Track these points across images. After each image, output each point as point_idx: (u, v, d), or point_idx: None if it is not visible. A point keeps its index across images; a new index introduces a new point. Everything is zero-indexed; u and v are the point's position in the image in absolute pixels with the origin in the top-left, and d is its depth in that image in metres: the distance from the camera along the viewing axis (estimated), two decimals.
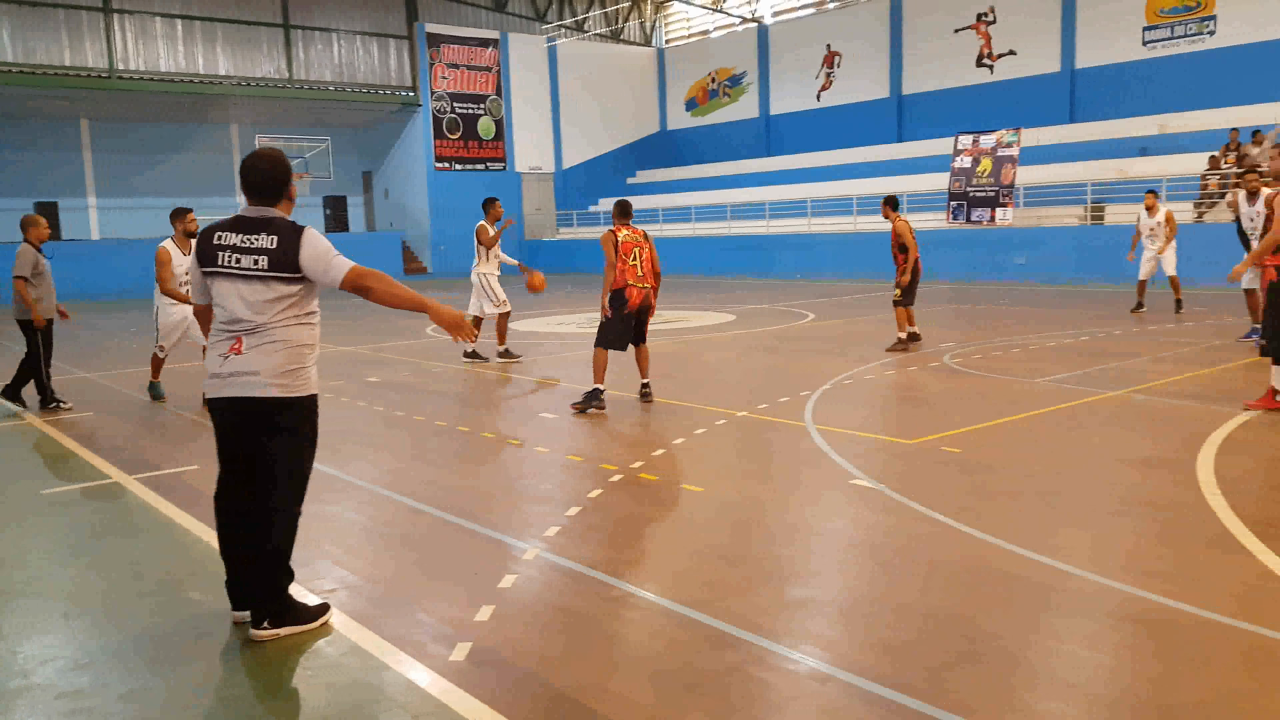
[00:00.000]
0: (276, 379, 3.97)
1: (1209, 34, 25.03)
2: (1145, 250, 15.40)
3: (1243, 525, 5.00)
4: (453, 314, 4.16)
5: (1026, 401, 8.53)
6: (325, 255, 4.01)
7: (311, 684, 3.70)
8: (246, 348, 3.96)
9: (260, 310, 3.97)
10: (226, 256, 4.00)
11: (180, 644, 4.06)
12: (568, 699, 3.47)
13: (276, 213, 4.08)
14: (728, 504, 5.89)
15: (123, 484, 6.79)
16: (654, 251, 9.04)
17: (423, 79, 34.88)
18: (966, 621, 4.01)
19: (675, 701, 3.42)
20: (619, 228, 8.95)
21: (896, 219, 12.05)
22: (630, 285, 8.79)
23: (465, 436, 8.02)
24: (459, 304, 20.25)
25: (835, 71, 34.39)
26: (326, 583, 4.71)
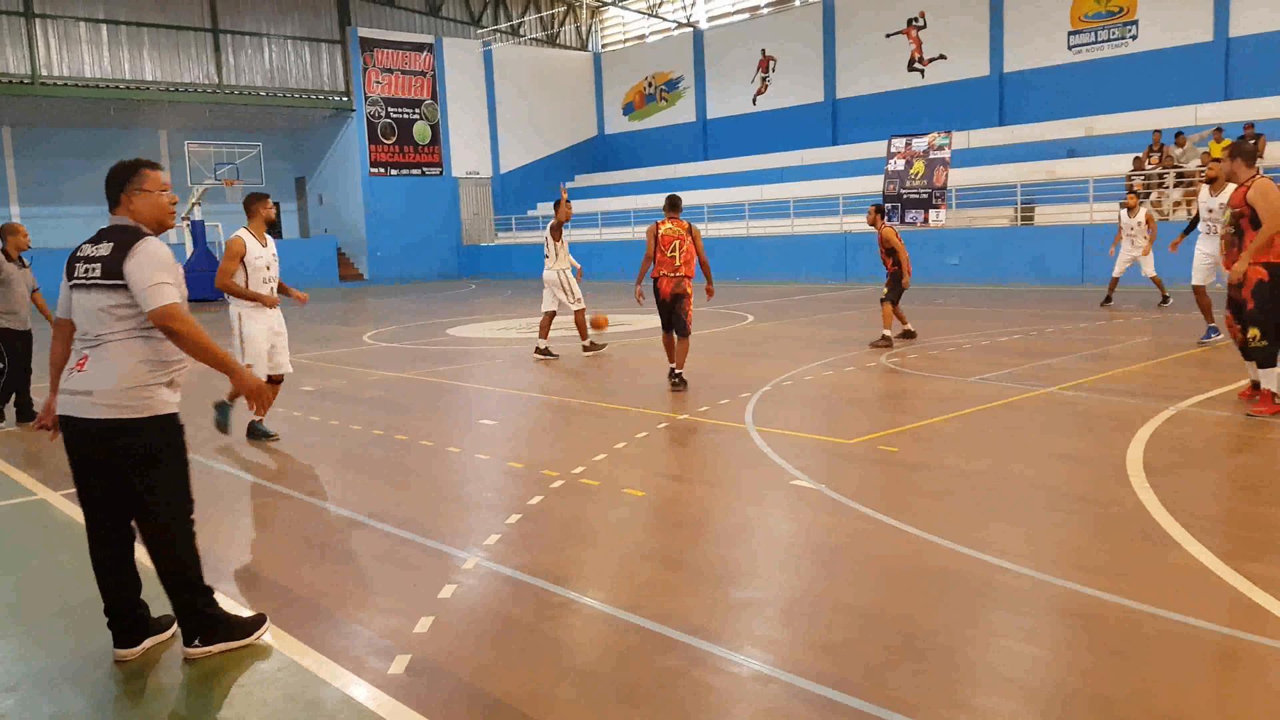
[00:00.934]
0: (110, 399, 3.70)
1: (1131, 38, 25.73)
2: (1125, 251, 15.53)
3: (1171, 518, 5.12)
4: (255, 381, 4.03)
5: (961, 400, 8.67)
6: (150, 273, 3.69)
7: (247, 701, 3.61)
8: (88, 364, 3.76)
9: (95, 321, 3.76)
10: (79, 267, 3.84)
11: (109, 664, 3.94)
12: (509, 708, 3.43)
13: (127, 220, 3.89)
14: (669, 507, 5.88)
15: (48, 501, 6.58)
16: (697, 242, 9.70)
17: (356, 84, 34.46)
18: (906, 619, 4.05)
19: (617, 708, 3.40)
20: (665, 220, 9.78)
21: (883, 225, 12.50)
22: (663, 275, 9.62)
23: (403, 444, 7.92)
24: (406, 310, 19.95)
25: (770, 76, 34.69)
26: (262, 596, 4.60)
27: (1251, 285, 7.32)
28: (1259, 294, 7.28)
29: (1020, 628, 3.95)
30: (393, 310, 22.66)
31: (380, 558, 5.16)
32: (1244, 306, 7.41)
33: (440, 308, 22.75)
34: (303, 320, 18.85)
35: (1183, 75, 24.63)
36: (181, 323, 3.71)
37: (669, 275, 9.66)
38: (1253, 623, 3.83)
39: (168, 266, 3.75)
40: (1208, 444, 6.82)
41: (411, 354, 13.98)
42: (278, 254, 8.18)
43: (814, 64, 33.11)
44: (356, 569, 5.02)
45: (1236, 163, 7.68)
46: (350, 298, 28.23)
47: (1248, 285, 7.35)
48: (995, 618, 4.07)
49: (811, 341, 13.14)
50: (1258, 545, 4.78)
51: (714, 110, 36.73)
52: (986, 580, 4.44)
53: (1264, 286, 7.26)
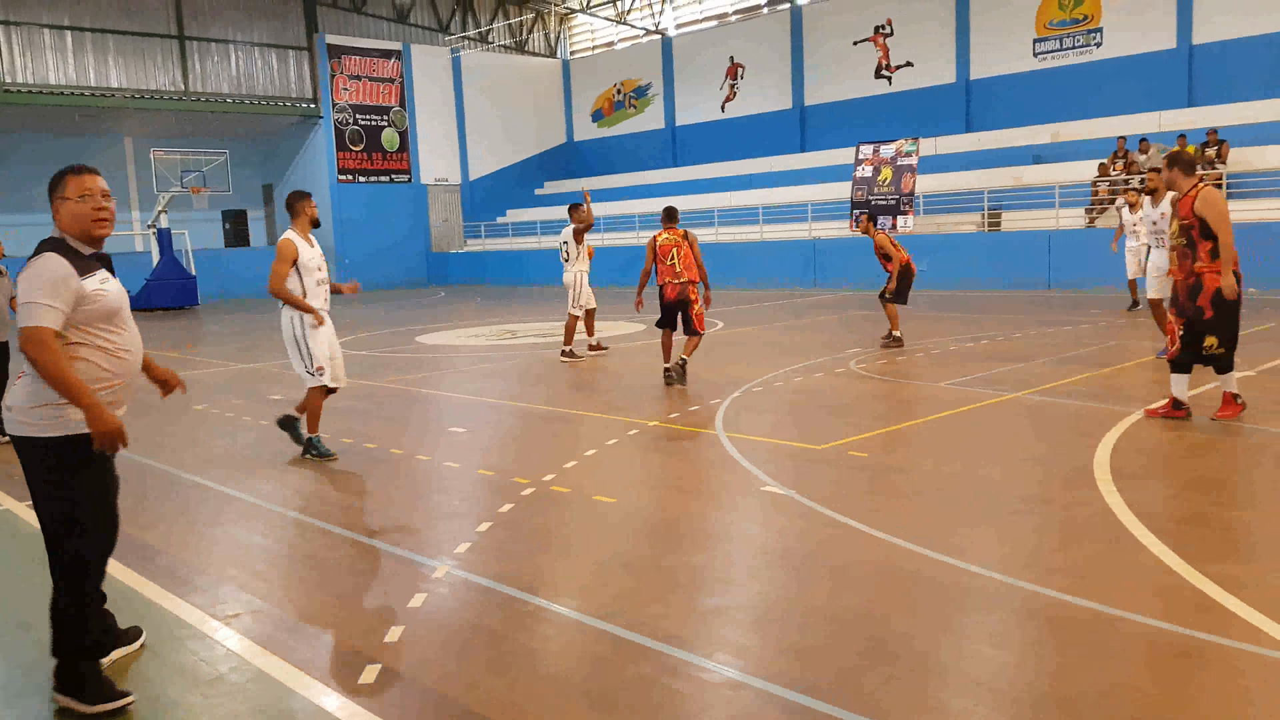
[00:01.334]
0: (20, 416, 3.55)
1: (1096, 45, 26.07)
2: (1129, 245, 14.89)
3: (1137, 521, 5.18)
4: (110, 424, 3.46)
5: (930, 405, 8.73)
6: (26, 291, 3.45)
7: (215, 713, 3.56)
8: (21, 379, 3.62)
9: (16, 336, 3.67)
10: None
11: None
12: (479, 718, 3.41)
13: (55, 231, 3.69)
14: (640, 514, 5.88)
15: (13, 511, 6.48)
16: (694, 248, 10.20)
17: (324, 91, 34.26)
18: (877, 623, 4.07)
19: (589, 716, 3.39)
20: (662, 231, 10.31)
21: (875, 232, 12.96)
22: (667, 283, 10.12)
23: (372, 453, 7.86)
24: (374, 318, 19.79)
25: (739, 83, 34.84)
26: (230, 607, 4.55)
27: (1210, 294, 7.28)
28: (1217, 302, 7.26)
29: (990, 631, 3.98)
30: (361, 318, 22.50)
31: (349, 567, 5.11)
32: (1201, 314, 7.34)
33: (409, 315, 22.63)
34: (269, 328, 18.63)
35: (1147, 82, 24.99)
36: (35, 348, 3.39)
37: (673, 282, 10.14)
38: (1217, 624, 3.87)
39: (49, 285, 3.45)
40: (1172, 447, 6.91)
41: (380, 362, 13.89)
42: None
43: (782, 71, 33.29)
44: (325, 578, 4.97)
45: (1175, 172, 7.54)
46: None
47: (1206, 293, 7.29)
48: (965, 621, 4.10)
49: (782, 347, 13.19)
50: (1220, 546, 4.84)
51: (683, 117, 36.83)
52: (956, 584, 4.47)
53: (1222, 294, 7.24)
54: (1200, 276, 7.31)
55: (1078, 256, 20.81)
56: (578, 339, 13.50)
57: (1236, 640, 3.71)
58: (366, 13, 36.17)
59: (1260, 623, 3.84)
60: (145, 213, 32.23)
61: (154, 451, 8.08)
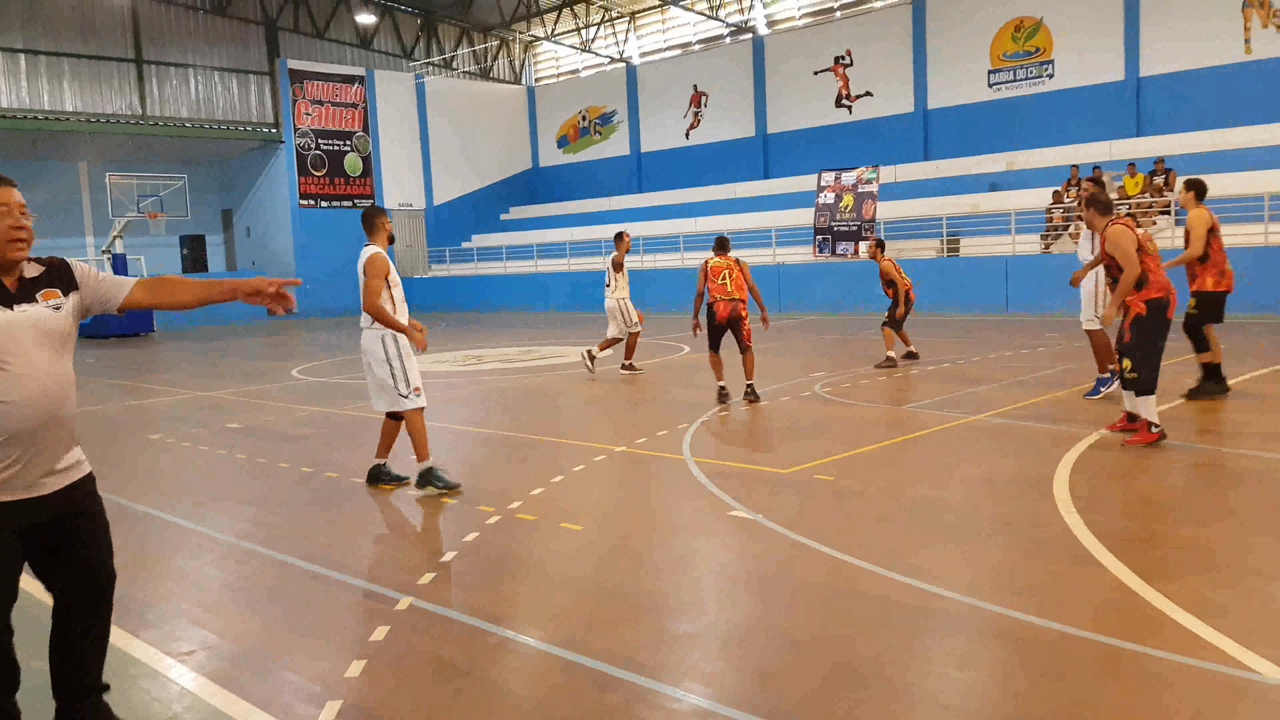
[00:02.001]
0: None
1: (1048, 77, 26.60)
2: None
3: (1097, 541, 5.23)
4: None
5: (893, 428, 8.78)
6: None
7: None
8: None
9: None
10: None
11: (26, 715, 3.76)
12: None
13: None
14: (607, 541, 5.84)
15: None
16: (745, 272, 10.81)
17: (285, 115, 34.08)
18: (844, 647, 4.06)
19: None
20: (713, 256, 10.96)
21: (881, 259, 13.56)
22: (718, 300, 10.62)
23: (333, 482, 7.76)
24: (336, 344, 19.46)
25: (703, 111, 35.12)
26: (184, 644, 4.45)
27: (1130, 319, 7.75)
28: (1135, 327, 7.67)
29: (955, 653, 3.99)
30: (322, 344, 22.31)
31: (310, 600, 5.03)
32: (1122, 338, 7.78)
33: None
34: (228, 354, 18.47)
35: (1097, 112, 25.54)
36: None
37: (724, 300, 10.62)
38: (1177, 643, 3.91)
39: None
40: (1129, 468, 6.99)
41: (341, 389, 13.75)
42: None
43: (745, 100, 33.62)
44: (285, 612, 4.88)
45: (1090, 212, 8.17)
46: (279, 331, 27.74)
47: (1127, 319, 7.79)
48: (931, 643, 4.10)
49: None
50: (1178, 566, 4.90)
51: (648, 144, 37.04)
52: (922, 606, 4.48)
53: (1141, 320, 7.63)
54: (1128, 306, 7.75)
55: (1034, 281, 21.13)
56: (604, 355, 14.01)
57: (1195, 659, 3.75)
58: (329, 38, 36.09)
59: (1217, 640, 3.88)
60: (100, 238, 31.78)
61: (103, 480, 7.92)
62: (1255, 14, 23.10)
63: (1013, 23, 27.06)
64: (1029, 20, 26.74)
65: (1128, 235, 7.71)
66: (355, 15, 36.52)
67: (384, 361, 7.14)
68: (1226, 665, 3.69)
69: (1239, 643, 3.85)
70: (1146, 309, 7.62)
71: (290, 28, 35.07)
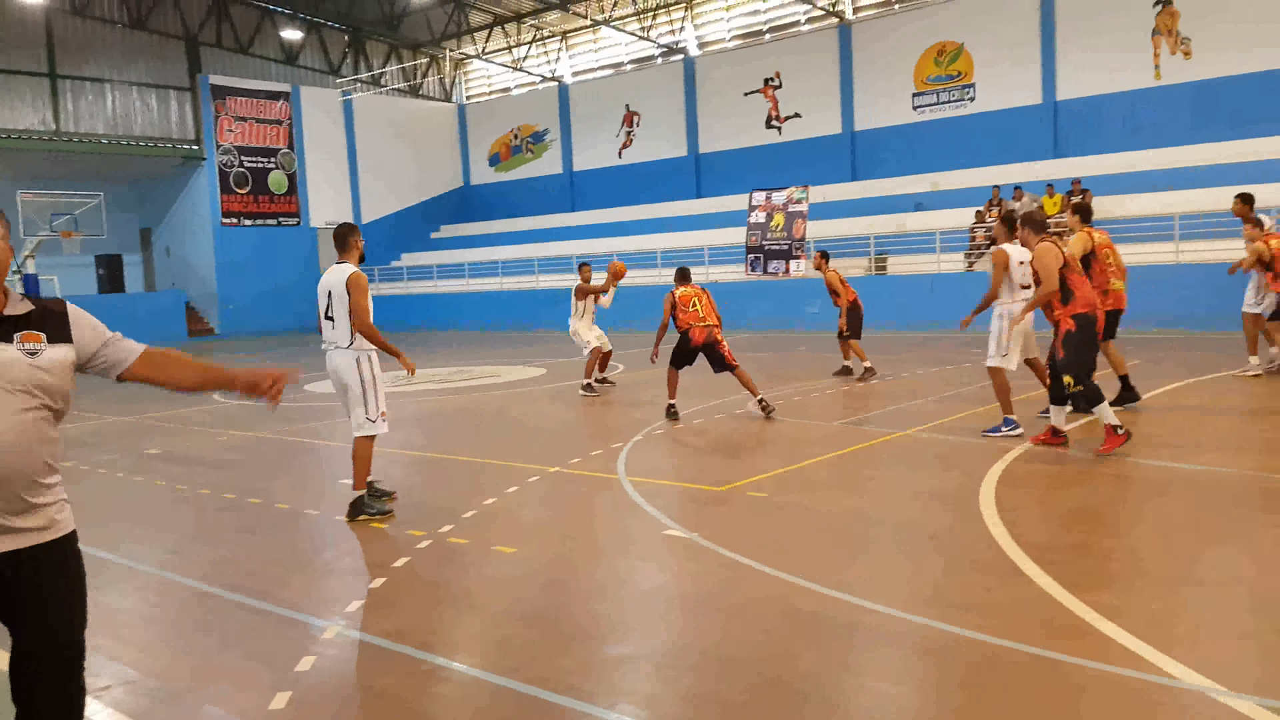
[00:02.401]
0: None
1: (970, 100, 27.29)
2: None
3: (1023, 553, 5.31)
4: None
5: (825, 444, 8.85)
6: None
7: None
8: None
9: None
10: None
11: None
12: None
13: None
14: (541, 563, 5.76)
15: None
16: (710, 300, 11.19)
17: (207, 132, 33.37)
18: (780, 664, 4.04)
19: None
20: (677, 288, 11.18)
21: (826, 270, 13.78)
22: (693, 326, 10.86)
23: (257, 509, 7.55)
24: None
25: (635, 130, 35.28)
26: (101, 679, 4.26)
27: (1061, 336, 7.93)
28: (1068, 343, 7.85)
29: (889, 667, 4.00)
30: (245, 366, 21.83)
31: (233, 631, 4.86)
32: (1056, 355, 7.98)
33: (296, 362, 22.03)
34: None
35: (1017, 135, 26.25)
36: None
37: (700, 326, 10.83)
38: (1100, 651, 3.98)
39: None
40: (1053, 480, 7.14)
41: (266, 412, 13.42)
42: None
43: (677, 120, 33.86)
44: (207, 644, 4.71)
45: (1025, 231, 8.37)
46: (200, 353, 27.05)
47: (1058, 338, 7.97)
48: (865, 658, 4.11)
49: (681, 389, 13.19)
50: (1101, 575, 5.00)
51: (580, 162, 37.07)
52: (854, 621, 4.49)
53: (1072, 336, 7.84)
54: (1058, 323, 7.98)
55: (959, 299, 21.50)
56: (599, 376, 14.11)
57: (1119, 666, 3.82)
58: (253, 53, 35.51)
59: (1139, 649, 3.96)
60: (12, 258, 30.73)
61: None
62: (1165, 41, 24.01)
63: (936, 47, 27.71)
64: (951, 45, 27.41)
65: (1052, 252, 7.95)
66: (280, 31, 36.01)
67: (359, 382, 6.90)
68: (1147, 672, 3.76)
69: (1158, 649, 3.94)
70: (1075, 325, 7.83)
71: (213, 43, 34.43)
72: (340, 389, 7.04)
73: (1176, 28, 23.72)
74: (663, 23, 33.71)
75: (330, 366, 6.98)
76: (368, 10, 35.37)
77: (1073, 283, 7.90)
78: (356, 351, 6.87)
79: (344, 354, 6.89)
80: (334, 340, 6.93)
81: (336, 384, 7.04)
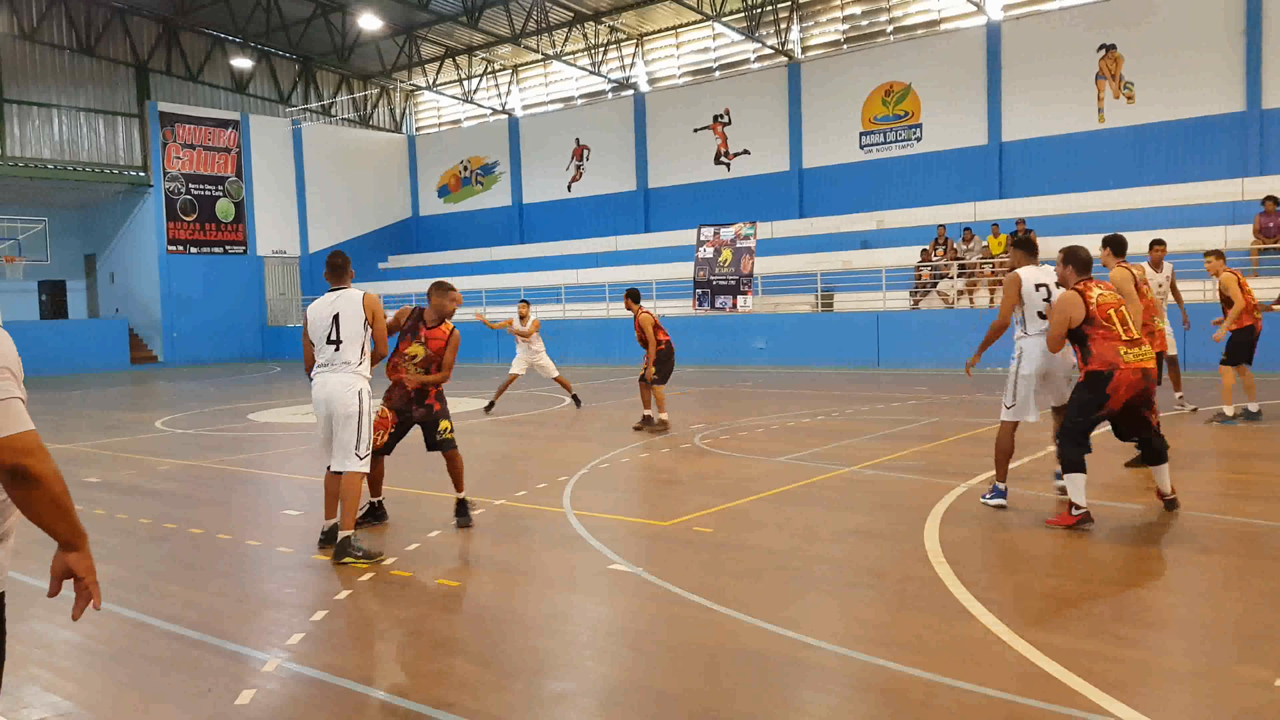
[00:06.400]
0: None
1: (916, 140, 27.89)
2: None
3: (966, 591, 5.40)
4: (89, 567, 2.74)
5: (769, 480, 8.93)
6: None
7: None
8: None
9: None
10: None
11: None
12: None
13: None
14: (484, 597, 5.74)
15: None
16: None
17: (155, 159, 32.97)
18: (721, 701, 4.08)
19: None
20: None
21: (639, 311, 12.82)
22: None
23: (198, 539, 7.43)
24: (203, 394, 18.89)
25: (585, 164, 35.51)
26: (34, 711, 4.17)
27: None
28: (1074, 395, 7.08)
29: (831, 705, 4.05)
30: (189, 394, 21.45)
31: (169, 663, 4.78)
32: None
33: (241, 392, 21.71)
34: (86, 404, 17.55)
35: (963, 175, 26.88)
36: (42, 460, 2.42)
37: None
38: (1043, 690, 4.05)
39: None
40: (996, 519, 7.25)
41: (208, 441, 13.23)
42: None
43: (626, 154, 34.15)
44: (142, 676, 4.63)
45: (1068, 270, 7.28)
46: (142, 381, 26.57)
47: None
48: (805, 697, 4.15)
49: (626, 424, 13.27)
50: (1042, 615, 5.09)
51: (530, 195, 37.17)
52: (796, 659, 4.53)
53: (1079, 388, 7.00)
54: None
55: (904, 336, 21.96)
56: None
57: (1060, 705, 3.89)
58: (202, 81, 35.24)
59: (1081, 688, 4.04)
60: None
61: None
62: (1108, 85, 24.80)
63: (883, 87, 28.32)
64: (899, 85, 28.03)
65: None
66: (230, 59, 35.78)
67: (354, 416, 6.61)
68: (1091, 712, 3.83)
69: (1101, 689, 4.01)
70: (1086, 378, 6.89)
71: (162, 70, 34.13)
72: (327, 418, 6.70)
73: (1120, 72, 24.52)
74: (613, 58, 34.06)
75: (324, 393, 6.66)
76: (319, 40, 35.30)
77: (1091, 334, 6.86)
78: (360, 377, 6.68)
79: (349, 376, 6.64)
80: (340, 359, 6.66)
81: (327, 411, 6.66)
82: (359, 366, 6.69)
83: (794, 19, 30.04)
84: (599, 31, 32.62)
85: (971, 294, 22.31)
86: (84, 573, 2.68)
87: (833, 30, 29.88)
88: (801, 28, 30.27)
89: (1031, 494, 7.90)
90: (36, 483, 2.44)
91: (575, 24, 31.81)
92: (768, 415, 13.73)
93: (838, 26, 29.73)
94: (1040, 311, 7.48)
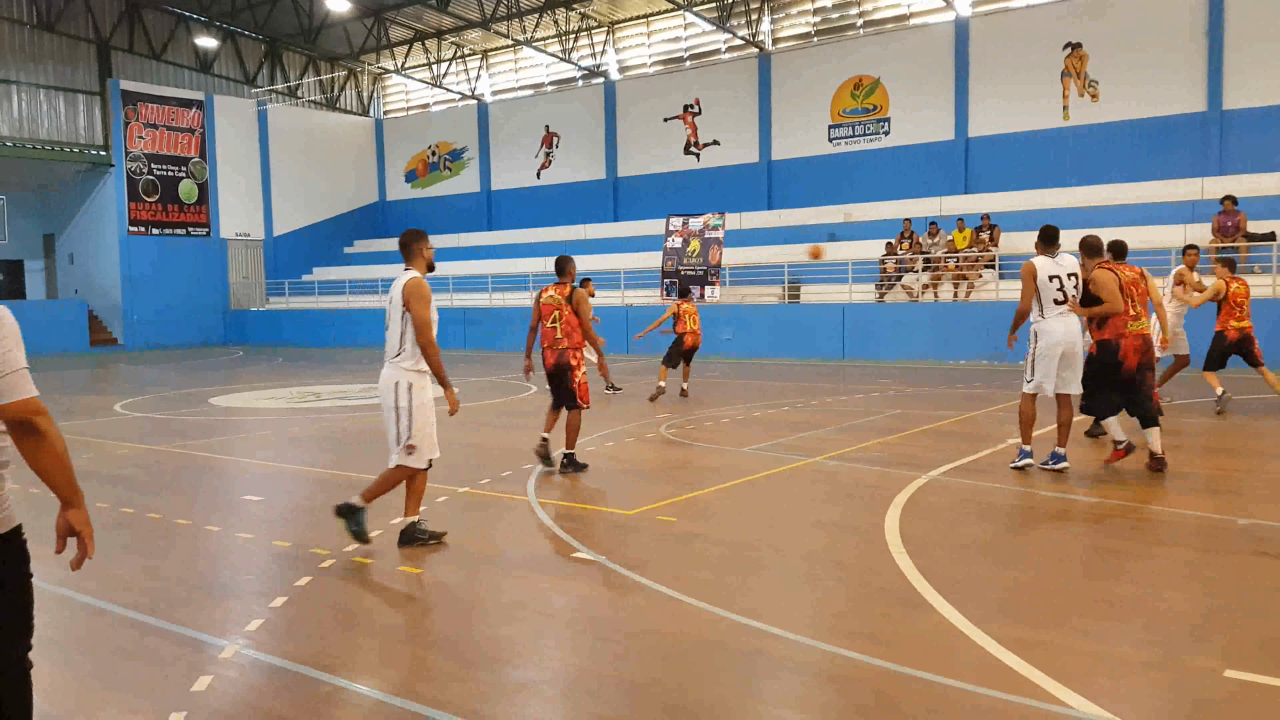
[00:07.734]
0: None
1: (884, 134, 28.05)
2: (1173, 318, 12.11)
3: (926, 582, 5.46)
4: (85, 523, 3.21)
5: (733, 470, 8.96)
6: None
7: None
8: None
9: None
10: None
11: None
12: None
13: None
14: (447, 585, 5.72)
15: None
16: (575, 314, 8.83)
17: (116, 138, 32.44)
18: (683, 690, 4.09)
19: None
20: (547, 288, 9.04)
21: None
22: (545, 348, 8.99)
23: (156, 524, 7.34)
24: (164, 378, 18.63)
25: (554, 151, 35.37)
26: None
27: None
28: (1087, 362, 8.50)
29: (790, 694, 4.08)
30: (149, 378, 21.17)
31: (125, 649, 4.72)
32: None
33: (202, 376, 21.46)
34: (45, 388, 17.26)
35: (929, 169, 27.08)
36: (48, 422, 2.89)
37: (550, 349, 8.98)
38: (1000, 681, 4.11)
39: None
40: (956, 511, 7.34)
41: (168, 425, 13.07)
42: None
43: (596, 142, 34.05)
44: (99, 663, 4.57)
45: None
46: (102, 364, 26.17)
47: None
48: (766, 686, 4.18)
49: (594, 412, 13.24)
50: (1002, 607, 5.15)
51: (498, 181, 36.98)
52: (758, 649, 4.56)
53: (1090, 358, 8.48)
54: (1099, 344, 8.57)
55: (869, 329, 22.11)
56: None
57: (1017, 696, 3.95)
58: (166, 60, 34.70)
59: (1039, 679, 4.09)
60: None
61: None
62: (1073, 83, 25.07)
63: (852, 81, 28.44)
64: (867, 79, 28.16)
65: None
66: (195, 38, 35.27)
67: (393, 410, 6.34)
68: (1046, 702, 3.88)
69: (1057, 680, 4.07)
70: (1096, 348, 8.39)
71: (125, 48, 33.58)
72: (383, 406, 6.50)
73: (1085, 70, 24.79)
74: (584, 45, 33.93)
75: (379, 386, 6.53)
76: (285, 21, 34.87)
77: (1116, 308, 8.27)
78: (402, 369, 6.32)
79: (390, 369, 6.37)
80: (388, 350, 6.43)
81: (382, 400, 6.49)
82: (397, 358, 6.34)
83: (765, 10, 30.07)
84: (570, 18, 32.47)
85: (936, 288, 22.48)
86: (81, 527, 3.22)
87: (803, 22, 29.95)
88: (772, 19, 30.31)
89: (987, 485, 7.99)
90: (44, 437, 2.96)
91: (546, 10, 31.65)
92: (733, 406, 13.77)
93: (808, 19, 29.81)
94: (1055, 299, 8.40)
